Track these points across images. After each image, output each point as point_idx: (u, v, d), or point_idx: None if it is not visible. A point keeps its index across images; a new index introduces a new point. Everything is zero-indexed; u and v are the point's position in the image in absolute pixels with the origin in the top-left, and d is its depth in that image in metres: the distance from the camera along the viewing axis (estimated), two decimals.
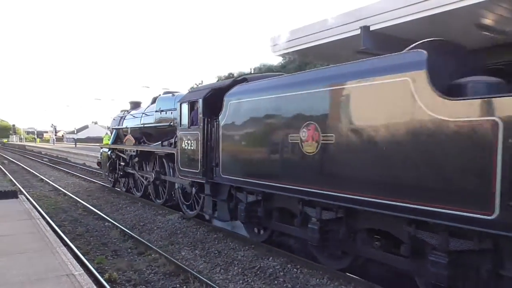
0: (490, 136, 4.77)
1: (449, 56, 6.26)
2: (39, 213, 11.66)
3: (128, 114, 17.62)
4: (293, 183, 7.50)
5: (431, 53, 5.57)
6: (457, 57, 6.44)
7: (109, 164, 18.79)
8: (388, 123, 5.90)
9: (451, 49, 6.51)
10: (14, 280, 5.93)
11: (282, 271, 7.99)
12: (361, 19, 10.46)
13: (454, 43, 6.85)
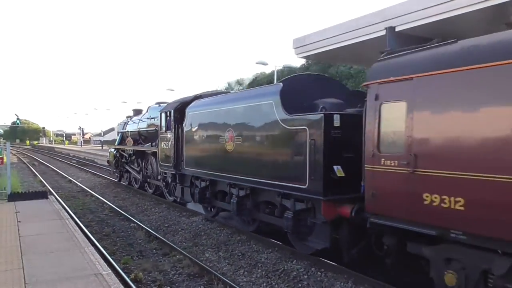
0: (305, 138, 7.83)
1: (306, 85, 9.27)
2: (68, 213, 11.98)
3: (130, 120, 20.96)
4: (224, 172, 10.76)
5: (286, 85, 8.77)
6: (318, 84, 9.34)
7: (115, 162, 22.04)
8: (265, 130, 9.19)
9: (311, 80, 9.76)
10: (45, 278, 6.12)
11: (306, 274, 7.94)
12: (386, 20, 10.37)
13: (318, 75, 10.95)
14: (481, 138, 5.25)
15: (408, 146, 6.03)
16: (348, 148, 7.52)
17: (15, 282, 5.97)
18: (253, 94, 10.65)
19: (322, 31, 15.06)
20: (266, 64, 28.24)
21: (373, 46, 10.93)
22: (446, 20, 8.61)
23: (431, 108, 5.82)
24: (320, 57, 18.13)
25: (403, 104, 6.15)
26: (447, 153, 5.61)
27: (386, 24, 10.32)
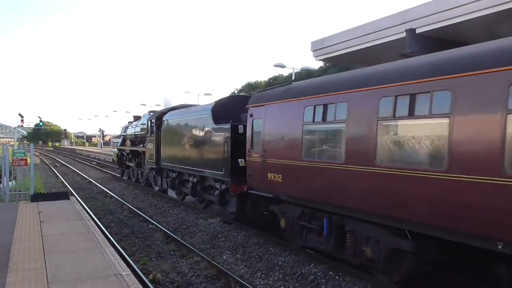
0: (222, 141, 11.94)
1: (231, 104, 13.12)
2: (88, 214, 12.19)
3: (130, 125, 25.44)
4: (184, 165, 15.08)
5: (216, 104, 13.32)
6: (242, 102, 11.94)
7: (117, 160, 26.66)
8: (204, 135, 13.40)
9: (236, 100, 14.09)
10: (67, 278, 6.24)
11: (324, 278, 7.88)
12: (406, 22, 10.24)
13: (242, 96, 16.31)
14: (288, 140, 9.26)
15: (262, 146, 10.04)
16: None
17: (38, 281, 6.10)
18: (199, 109, 15.31)
19: (341, 34, 14.98)
20: (284, 66, 28.21)
21: (392, 49, 10.81)
22: (471, 21, 8.42)
23: (271, 123, 9.85)
24: (338, 59, 18.02)
25: (261, 120, 10.16)
26: (274, 149, 9.66)
27: (407, 26, 10.20)
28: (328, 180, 7.99)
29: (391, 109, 6.55)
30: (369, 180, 6.97)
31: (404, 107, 6.34)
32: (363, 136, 7.16)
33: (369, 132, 6.96)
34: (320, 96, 8.34)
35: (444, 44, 7.67)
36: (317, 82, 9.36)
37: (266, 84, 48.09)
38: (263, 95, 10.83)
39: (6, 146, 14.85)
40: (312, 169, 8.39)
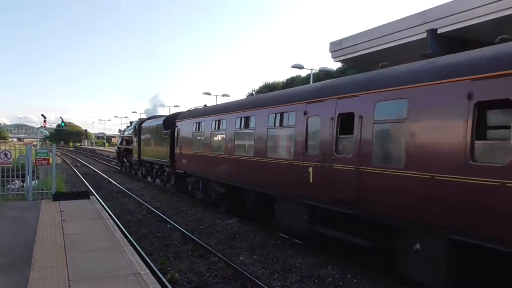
0: (167, 142, 20.02)
1: (175, 117, 19.47)
2: (108, 213, 12.37)
3: (127, 128, 32.57)
4: (151, 157, 23.11)
5: (166, 117, 21.83)
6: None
7: (117, 156, 34.69)
8: (158, 138, 21.75)
9: (176, 116, 19.95)
10: (88, 276, 6.35)
11: (342, 281, 7.81)
12: (427, 22, 10.05)
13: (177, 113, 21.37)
14: (188, 141, 16.79)
15: (179, 144, 17.64)
16: None
17: (60, 278, 6.23)
18: (158, 119, 22.98)
19: (360, 34, 14.83)
20: (301, 67, 28.10)
21: (413, 49, 10.64)
22: (495, 20, 8.22)
23: (182, 131, 17.55)
24: (357, 60, 17.86)
25: (179, 129, 18.01)
26: (184, 146, 17.20)
27: (427, 27, 10.02)
28: (203, 162, 15.17)
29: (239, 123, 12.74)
30: (224, 163, 13.26)
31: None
32: (222, 138, 13.75)
33: (224, 137, 13.59)
34: (201, 117, 15.90)
35: (465, 44, 7.51)
36: (211, 108, 16.85)
37: (283, 84, 47.94)
38: (182, 114, 18.85)
39: (29, 146, 15.20)
40: (196, 157, 15.81)
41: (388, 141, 7.45)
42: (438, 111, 6.24)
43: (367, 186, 7.38)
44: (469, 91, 5.72)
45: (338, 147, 8.21)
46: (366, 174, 7.36)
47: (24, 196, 14.08)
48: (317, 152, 8.71)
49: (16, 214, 11.33)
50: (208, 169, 14.66)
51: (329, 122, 8.41)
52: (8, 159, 13.88)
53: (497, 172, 5.33)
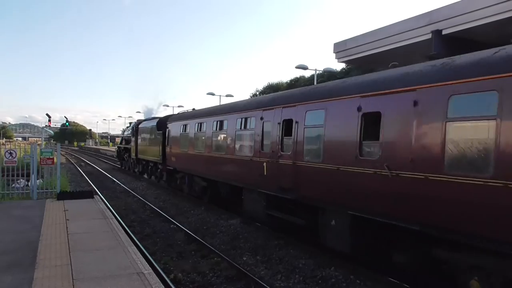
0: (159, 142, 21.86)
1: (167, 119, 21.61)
2: (112, 213, 12.42)
3: (126, 129, 34.58)
4: (147, 156, 24.79)
5: (160, 119, 23.44)
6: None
7: (118, 155, 37.04)
8: (153, 136, 23.29)
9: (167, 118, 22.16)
10: (91, 275, 6.38)
11: (345, 282, 7.80)
12: (432, 23, 10.01)
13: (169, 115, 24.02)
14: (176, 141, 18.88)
15: (170, 143, 19.68)
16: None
17: (64, 277, 6.26)
18: (151, 121, 24.89)
19: (365, 35, 14.79)
20: (306, 68, 28.07)
21: (418, 50, 10.61)
22: (501, 21, 8.17)
23: (172, 133, 19.59)
24: (361, 61, 17.82)
25: (169, 130, 20.00)
26: (173, 145, 19.29)
27: (432, 28, 9.97)
28: (188, 160, 17.25)
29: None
30: (205, 160, 15.23)
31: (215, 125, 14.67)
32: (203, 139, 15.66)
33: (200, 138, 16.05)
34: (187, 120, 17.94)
35: (470, 45, 7.48)
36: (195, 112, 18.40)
37: (287, 85, 47.92)
38: (172, 117, 21.39)
39: (34, 146, 15.28)
40: (183, 155, 17.91)
41: (313, 141, 9.35)
42: (342, 119, 8.21)
43: (300, 177, 9.45)
44: (358, 105, 7.71)
45: (282, 146, 10.25)
46: (299, 167, 9.46)
47: (29, 195, 14.17)
48: (269, 150, 10.79)
49: (21, 213, 11.40)
50: (192, 166, 16.97)
51: (277, 126, 10.48)
52: (14, 158, 13.97)
53: (373, 163, 7.28)
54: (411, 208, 6.55)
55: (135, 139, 27.55)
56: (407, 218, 6.67)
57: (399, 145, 6.82)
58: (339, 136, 8.30)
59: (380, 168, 7.06)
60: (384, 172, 6.97)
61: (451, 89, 5.96)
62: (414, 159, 6.50)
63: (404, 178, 6.67)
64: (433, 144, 6.19)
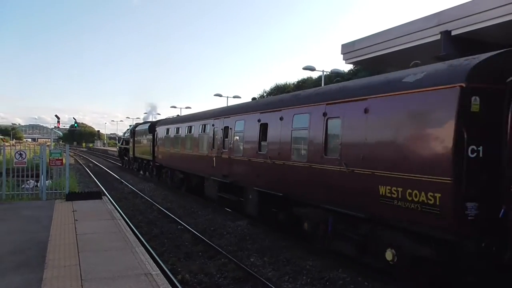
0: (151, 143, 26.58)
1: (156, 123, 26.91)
2: (120, 214, 12.48)
3: (127, 130, 38.84)
4: (143, 155, 29.03)
5: (151, 123, 29.03)
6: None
7: (119, 154, 41.92)
8: (145, 139, 28.53)
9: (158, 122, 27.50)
10: (100, 276, 6.41)
11: (352, 284, 7.76)
12: (441, 24, 9.93)
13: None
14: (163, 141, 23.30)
15: (157, 143, 24.58)
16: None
17: (73, 277, 6.30)
18: (145, 125, 29.32)
19: (373, 36, 14.72)
20: (313, 69, 28.01)
21: (426, 51, 10.52)
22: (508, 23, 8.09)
23: (159, 134, 24.09)
24: (369, 62, 17.74)
25: (157, 133, 24.76)
26: (160, 145, 23.77)
27: (441, 28, 9.89)
28: (170, 157, 20.99)
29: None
30: (181, 157, 19.05)
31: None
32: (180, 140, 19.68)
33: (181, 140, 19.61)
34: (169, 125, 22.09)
35: (480, 46, 7.40)
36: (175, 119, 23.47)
37: (295, 86, 47.84)
38: (160, 122, 26.02)
39: (44, 147, 15.43)
40: (166, 153, 21.60)
41: (239, 142, 13.10)
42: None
43: (233, 167, 13.41)
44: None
45: (224, 145, 14.19)
46: (232, 160, 13.41)
47: (38, 196, 14.29)
48: (216, 148, 14.84)
49: (30, 213, 11.51)
50: (173, 162, 21.24)
51: (221, 131, 14.55)
52: (23, 159, 14.12)
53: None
54: (279, 181, 10.62)
55: (132, 140, 32.08)
56: (279, 190, 10.58)
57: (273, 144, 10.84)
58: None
59: (264, 158, 11.15)
60: (269, 161, 10.90)
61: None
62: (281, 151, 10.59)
63: (280, 165, 10.47)
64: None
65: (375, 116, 7.39)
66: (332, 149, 8.60)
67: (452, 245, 6.29)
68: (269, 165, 10.77)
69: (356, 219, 7.95)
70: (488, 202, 5.88)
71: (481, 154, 5.93)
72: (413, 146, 6.63)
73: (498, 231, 5.84)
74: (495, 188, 5.91)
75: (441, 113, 6.18)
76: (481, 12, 9.00)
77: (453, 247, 6.30)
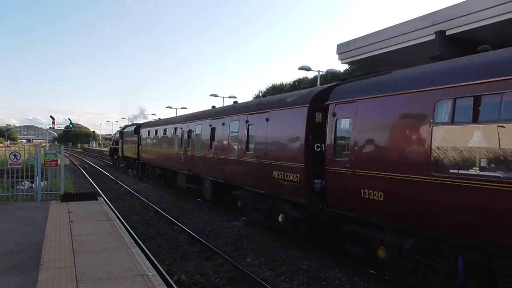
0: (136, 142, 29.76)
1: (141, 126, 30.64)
2: (115, 214, 12.42)
3: (117, 131, 43.28)
4: (131, 154, 31.12)
5: (137, 125, 31.96)
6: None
7: (110, 153, 44.72)
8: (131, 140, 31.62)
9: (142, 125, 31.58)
10: (96, 277, 6.37)
11: (349, 284, 7.77)
12: (435, 24, 9.98)
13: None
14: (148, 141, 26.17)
15: (141, 143, 28.12)
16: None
17: (68, 279, 6.26)
18: (131, 126, 33.42)
19: (368, 36, 14.77)
20: (309, 69, 28.05)
21: (422, 51, 10.57)
22: (506, 21, 8.13)
23: (143, 136, 27.56)
24: (365, 62, 17.79)
25: (140, 135, 28.19)
26: (144, 145, 27.19)
27: (436, 28, 9.93)
28: (151, 155, 24.93)
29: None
30: (159, 155, 22.85)
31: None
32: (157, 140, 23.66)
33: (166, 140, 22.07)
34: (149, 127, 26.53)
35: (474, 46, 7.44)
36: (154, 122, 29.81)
37: (290, 86, 47.88)
38: (143, 124, 29.43)
39: (38, 148, 15.33)
40: (148, 151, 25.60)
41: (199, 142, 16.67)
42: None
43: (194, 162, 16.91)
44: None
45: (188, 144, 17.94)
46: (194, 156, 16.94)
47: (33, 197, 14.19)
48: (183, 147, 18.45)
49: (25, 214, 11.42)
50: (153, 159, 24.90)
51: (186, 133, 18.40)
52: (18, 160, 14.01)
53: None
54: (222, 171, 14.17)
55: (121, 141, 35.33)
56: (222, 178, 14.15)
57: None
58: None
59: (213, 154, 14.70)
60: (216, 156, 14.38)
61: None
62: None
63: (222, 159, 13.93)
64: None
65: (272, 123, 10.86)
66: (250, 147, 11.92)
67: (308, 207, 9.37)
68: (216, 159, 14.38)
69: (264, 195, 11.24)
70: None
71: (323, 149, 9.09)
72: (289, 144, 10.07)
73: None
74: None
75: (299, 122, 9.60)
76: (475, 12, 9.05)
77: (309, 209, 9.36)
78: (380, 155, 7.24)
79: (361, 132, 7.75)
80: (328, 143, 8.72)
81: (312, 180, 9.06)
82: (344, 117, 8.34)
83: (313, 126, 9.21)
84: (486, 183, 5.34)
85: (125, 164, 34.86)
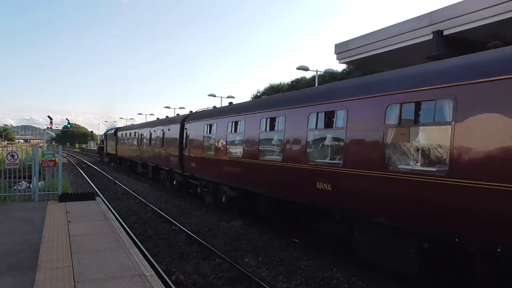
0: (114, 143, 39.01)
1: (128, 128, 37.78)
2: (113, 215, 12.41)
3: (107, 131, 47.69)
4: (124, 153, 34.84)
5: (117, 128, 43.03)
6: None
7: (98, 151, 56.63)
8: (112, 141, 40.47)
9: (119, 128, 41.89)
10: (93, 277, 6.37)
11: (347, 283, 7.78)
12: (433, 24, 10.00)
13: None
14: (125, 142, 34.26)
15: (118, 143, 36.63)
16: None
17: (66, 279, 6.26)
18: (112, 129, 43.17)
19: (366, 36, 14.79)
20: (307, 69, 28.06)
21: (419, 51, 10.60)
22: (503, 21, 8.15)
23: (119, 138, 36.80)
24: (362, 62, 17.82)
25: (117, 137, 37.28)
26: (120, 144, 35.71)
27: (433, 28, 9.96)
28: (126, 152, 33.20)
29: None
30: (127, 151, 32.68)
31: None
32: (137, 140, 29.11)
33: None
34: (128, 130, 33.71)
35: (471, 46, 7.47)
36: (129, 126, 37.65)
37: (289, 86, 47.87)
38: (120, 128, 39.68)
39: (36, 148, 15.30)
40: (124, 149, 34.01)
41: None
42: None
43: (142, 154, 26.56)
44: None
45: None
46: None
47: (30, 197, 14.17)
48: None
49: (22, 215, 11.40)
50: (124, 154, 33.39)
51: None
52: (15, 161, 13.98)
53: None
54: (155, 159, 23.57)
55: (105, 141, 44.41)
56: (153, 163, 23.87)
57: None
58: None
59: (150, 148, 24.10)
60: (157, 150, 22.51)
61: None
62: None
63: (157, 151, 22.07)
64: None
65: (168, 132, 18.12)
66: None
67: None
68: (152, 152, 23.19)
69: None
70: None
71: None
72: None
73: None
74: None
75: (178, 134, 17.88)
76: (471, 13, 9.08)
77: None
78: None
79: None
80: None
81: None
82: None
83: (184, 136, 17.54)
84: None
85: (108, 159, 44.03)
